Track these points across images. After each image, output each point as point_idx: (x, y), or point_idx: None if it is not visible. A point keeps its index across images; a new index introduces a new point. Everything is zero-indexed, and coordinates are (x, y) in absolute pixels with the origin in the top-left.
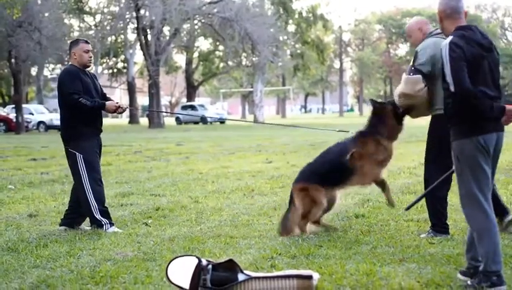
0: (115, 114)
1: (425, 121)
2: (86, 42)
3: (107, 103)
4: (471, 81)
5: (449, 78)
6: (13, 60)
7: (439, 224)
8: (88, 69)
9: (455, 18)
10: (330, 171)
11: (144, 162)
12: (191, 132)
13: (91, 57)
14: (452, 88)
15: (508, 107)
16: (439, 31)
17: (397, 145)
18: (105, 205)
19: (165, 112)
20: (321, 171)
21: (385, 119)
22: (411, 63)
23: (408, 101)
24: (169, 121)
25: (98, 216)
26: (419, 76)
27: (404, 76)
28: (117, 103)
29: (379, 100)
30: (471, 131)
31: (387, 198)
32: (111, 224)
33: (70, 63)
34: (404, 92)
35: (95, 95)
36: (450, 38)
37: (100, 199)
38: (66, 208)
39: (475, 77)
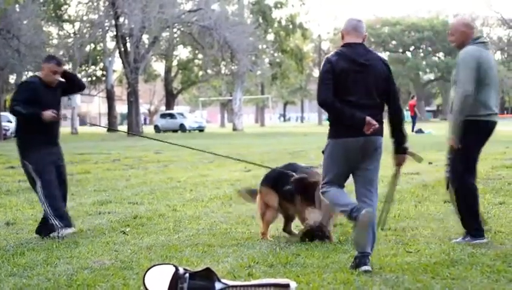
0: (93, 122)
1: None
2: (59, 64)
3: (44, 112)
4: (338, 91)
5: None
6: None
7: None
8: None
9: (351, 35)
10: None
11: (123, 170)
12: (170, 140)
13: (57, 79)
14: None
15: (368, 117)
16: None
17: None
18: (61, 209)
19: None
20: (277, 181)
21: None
22: None
23: None
24: (148, 129)
25: (53, 221)
26: None
27: None
28: (53, 111)
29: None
30: (335, 134)
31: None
32: (67, 226)
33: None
34: None
35: (56, 108)
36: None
37: (54, 205)
38: (42, 216)
39: (343, 87)
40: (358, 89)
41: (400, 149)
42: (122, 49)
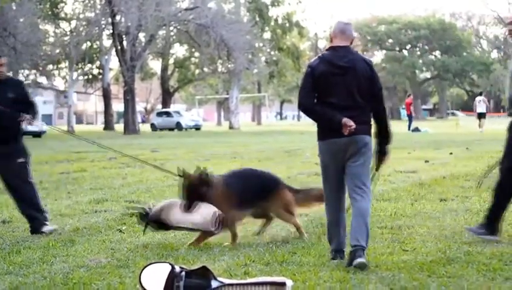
0: (89, 120)
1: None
2: None
3: None
4: (320, 94)
5: None
6: None
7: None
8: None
9: (338, 38)
10: None
11: (119, 168)
12: (166, 139)
13: (1, 71)
14: None
15: (344, 119)
16: None
17: None
18: None
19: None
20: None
21: None
22: None
23: None
24: (144, 127)
25: None
26: None
27: None
28: None
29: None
30: (321, 135)
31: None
32: None
33: None
34: None
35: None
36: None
37: None
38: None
39: (324, 90)
40: (339, 91)
41: (380, 150)
42: (119, 47)
